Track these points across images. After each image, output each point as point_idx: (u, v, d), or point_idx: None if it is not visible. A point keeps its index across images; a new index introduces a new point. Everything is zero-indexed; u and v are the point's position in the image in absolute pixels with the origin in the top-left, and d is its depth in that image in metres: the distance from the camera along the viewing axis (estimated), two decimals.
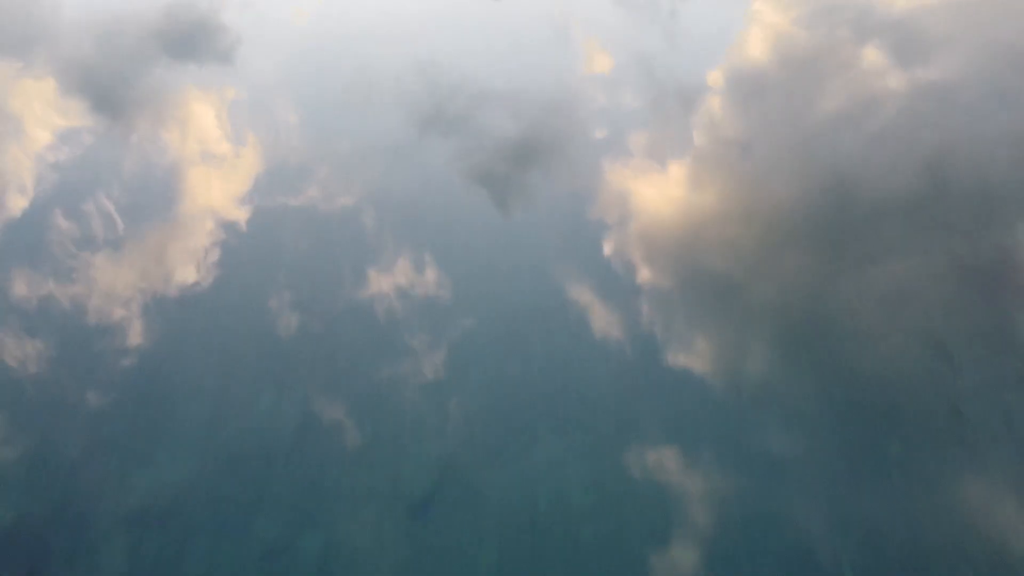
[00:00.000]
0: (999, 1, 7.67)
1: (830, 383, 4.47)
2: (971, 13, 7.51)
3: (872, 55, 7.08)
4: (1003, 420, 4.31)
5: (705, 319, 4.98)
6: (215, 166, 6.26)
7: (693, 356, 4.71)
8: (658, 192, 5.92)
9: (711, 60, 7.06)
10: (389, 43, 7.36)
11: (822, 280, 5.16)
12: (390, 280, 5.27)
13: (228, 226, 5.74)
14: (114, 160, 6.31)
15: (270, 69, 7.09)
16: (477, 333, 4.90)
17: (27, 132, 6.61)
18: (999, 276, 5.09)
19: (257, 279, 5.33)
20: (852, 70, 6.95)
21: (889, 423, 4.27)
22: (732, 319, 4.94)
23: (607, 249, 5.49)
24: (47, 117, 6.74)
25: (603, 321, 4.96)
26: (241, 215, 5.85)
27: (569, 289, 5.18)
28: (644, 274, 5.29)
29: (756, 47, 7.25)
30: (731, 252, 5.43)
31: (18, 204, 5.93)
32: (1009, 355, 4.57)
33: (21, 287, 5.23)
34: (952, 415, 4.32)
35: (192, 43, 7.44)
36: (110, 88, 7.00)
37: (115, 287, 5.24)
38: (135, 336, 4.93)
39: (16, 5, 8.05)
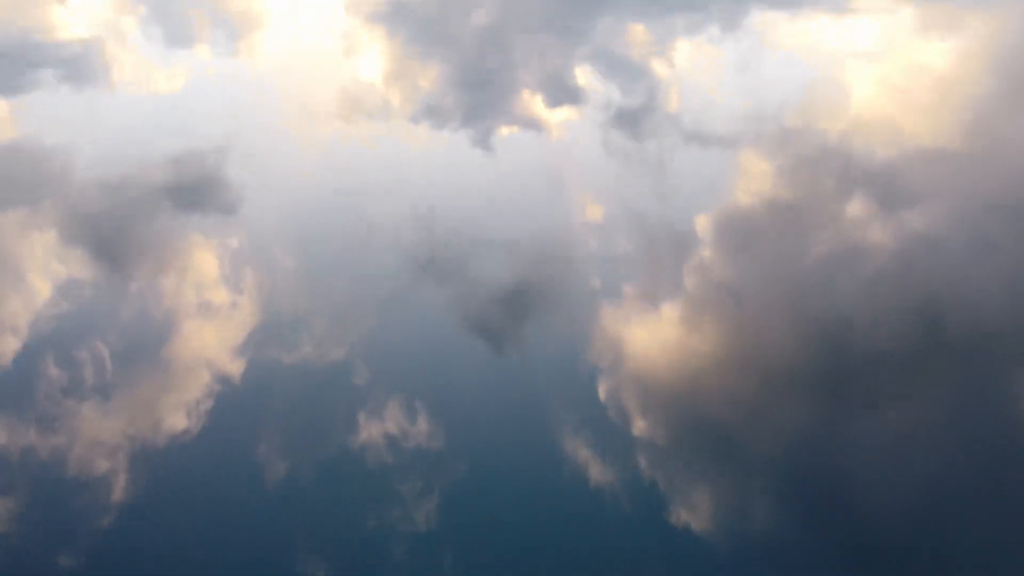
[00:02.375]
0: (977, 154, 7.92)
1: (831, 533, 4.46)
2: (951, 165, 7.75)
3: (858, 204, 7.26)
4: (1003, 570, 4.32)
5: (702, 468, 4.95)
6: (211, 316, 6.29)
7: (691, 508, 4.67)
8: (652, 338, 5.97)
9: (701, 208, 7.23)
10: (387, 194, 7.53)
11: (820, 429, 5.16)
12: (382, 428, 5.25)
13: (220, 376, 5.73)
14: (111, 310, 6.34)
15: (270, 219, 7.22)
16: (470, 482, 4.85)
17: (28, 281, 6.66)
18: (995, 424, 5.12)
19: (247, 429, 5.28)
20: (840, 218, 7.11)
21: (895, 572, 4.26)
22: (729, 468, 4.92)
23: (602, 396, 5.49)
24: (49, 266, 6.80)
25: (598, 470, 4.93)
26: (235, 365, 5.85)
27: (563, 437, 5.16)
28: (639, 421, 5.29)
29: (744, 196, 7.43)
30: (726, 399, 5.44)
31: (10, 351, 5.92)
32: (1005, 503, 4.58)
33: (1, 437, 5.19)
34: (958, 564, 4.31)
35: (196, 195, 7.62)
36: (113, 238, 7.12)
37: (101, 438, 5.19)
38: (118, 490, 4.88)
39: (28, 157, 8.23)
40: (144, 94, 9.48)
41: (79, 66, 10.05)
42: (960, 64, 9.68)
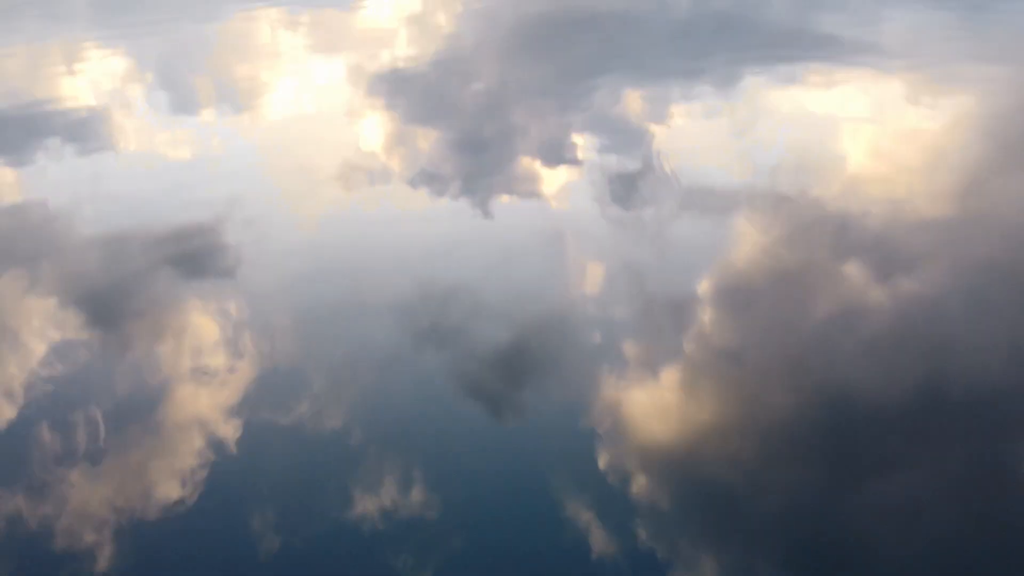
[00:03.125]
0: (972, 217, 8.00)
1: None
2: (946, 228, 7.82)
3: (855, 267, 7.28)
4: None
5: (704, 534, 4.85)
6: (207, 380, 6.25)
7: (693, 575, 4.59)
8: (652, 402, 5.92)
9: (699, 272, 7.25)
10: (385, 259, 7.55)
11: (824, 495, 5.08)
12: (377, 497, 5.17)
13: (215, 443, 5.66)
14: (106, 374, 6.29)
15: (269, 283, 7.25)
16: (467, 553, 4.76)
17: (23, 345, 6.64)
18: (1002, 490, 5.05)
19: (241, 498, 5.19)
20: (837, 281, 7.12)
21: None
22: (731, 535, 4.82)
23: (601, 462, 5.42)
24: (45, 329, 6.79)
25: (598, 538, 4.83)
26: (229, 431, 5.78)
27: (563, 505, 5.06)
28: (640, 487, 5.21)
29: (742, 259, 7.46)
30: (728, 464, 5.37)
31: (1, 416, 5.88)
32: (1012, 571, 4.47)
33: None
34: None
35: (195, 258, 7.65)
36: (110, 301, 7.12)
37: (91, 506, 5.10)
38: (105, 561, 4.76)
39: (29, 220, 8.32)
40: (148, 159, 9.62)
41: (85, 133, 10.22)
42: (951, 129, 9.86)
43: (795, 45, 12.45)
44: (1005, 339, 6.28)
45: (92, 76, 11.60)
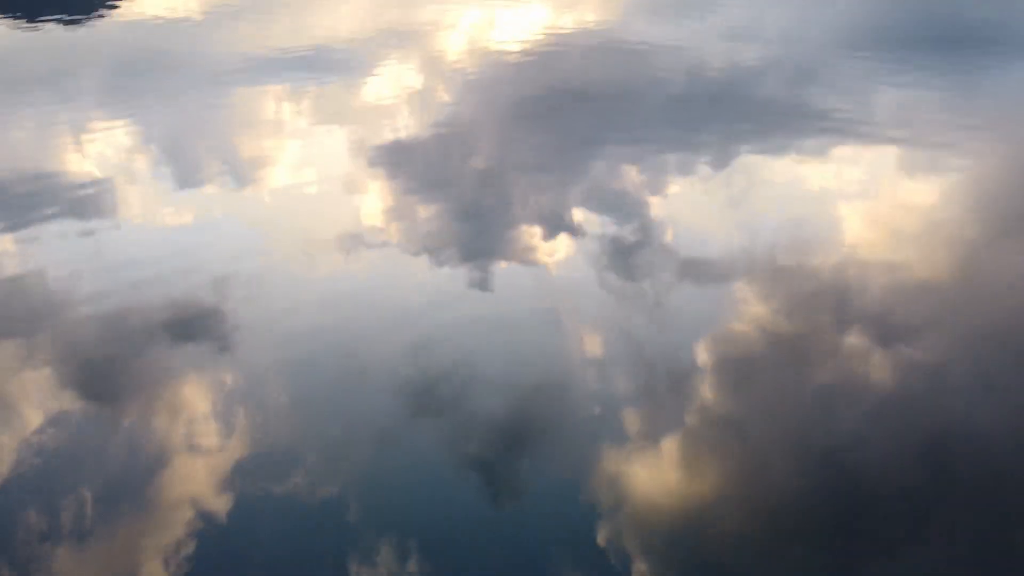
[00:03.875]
0: (971, 288, 8.02)
1: None
2: (946, 299, 7.84)
3: (856, 338, 7.27)
4: None
5: None
6: (201, 453, 6.16)
7: None
8: (652, 477, 5.82)
9: (699, 343, 7.22)
10: (383, 329, 7.55)
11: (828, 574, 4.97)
12: (372, 573, 5.05)
13: (207, 516, 5.55)
14: (98, 447, 6.21)
15: (265, 353, 7.22)
16: None
17: (15, 417, 6.57)
18: (1012, 571, 4.93)
19: (234, 574, 5.10)
20: (838, 352, 7.10)
21: None
22: None
23: (601, 539, 5.31)
24: (38, 401, 6.73)
25: None
26: (223, 504, 5.68)
27: None
28: (641, 566, 5.09)
29: (742, 330, 7.45)
30: (732, 541, 5.26)
31: None
32: None
33: None
34: None
35: (191, 328, 7.64)
36: (104, 372, 7.07)
37: None
38: None
39: (28, 291, 8.36)
40: (150, 230, 9.69)
41: (88, 204, 10.31)
42: (946, 201, 9.97)
43: (788, 119, 12.69)
44: (1010, 410, 6.23)
45: (98, 148, 11.78)
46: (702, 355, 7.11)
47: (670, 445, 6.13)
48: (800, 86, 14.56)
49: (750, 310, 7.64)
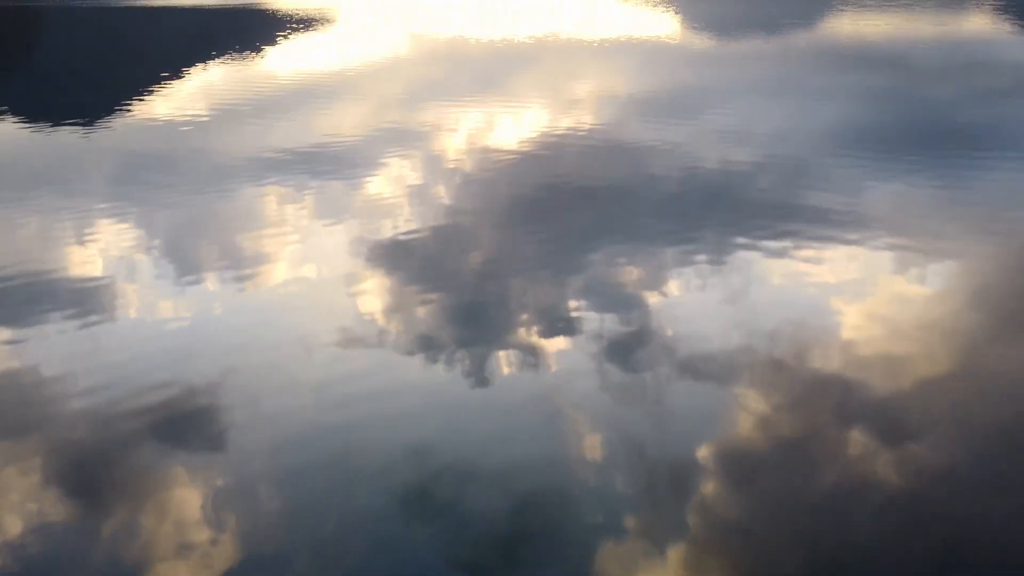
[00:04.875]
0: (972, 383, 7.96)
1: None
2: (949, 395, 7.76)
3: (861, 436, 7.14)
4: None
5: None
6: (188, 557, 5.95)
7: None
8: None
9: (700, 441, 7.10)
10: (379, 428, 7.43)
11: None
12: None
13: None
14: (82, 552, 6.00)
15: (258, 454, 7.08)
16: None
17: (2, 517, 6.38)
18: None
19: None
20: (844, 451, 6.97)
21: None
22: None
23: None
24: (23, 504, 6.54)
25: None
26: None
27: None
28: None
29: (744, 428, 7.34)
30: None
31: None
32: None
33: None
34: None
35: (183, 428, 7.52)
36: (94, 473, 6.92)
37: None
38: None
39: (20, 389, 8.30)
40: (147, 326, 9.66)
41: (87, 300, 10.32)
42: (944, 295, 9.99)
43: (783, 216, 12.87)
44: (1021, 507, 6.06)
45: (100, 245, 11.89)
46: (703, 455, 6.97)
47: (674, 551, 5.92)
48: (794, 185, 14.83)
49: (752, 408, 7.54)
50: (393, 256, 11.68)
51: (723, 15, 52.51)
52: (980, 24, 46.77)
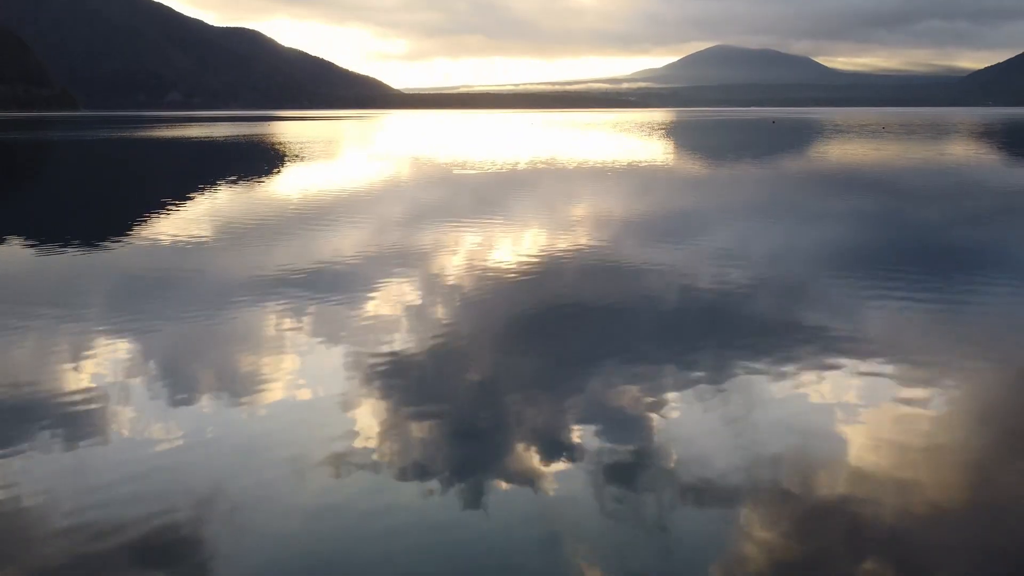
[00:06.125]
0: (984, 509, 7.73)
1: None
2: (961, 523, 7.51)
3: (872, 565, 6.86)
4: None
5: None
6: None
7: None
8: None
9: (705, 568, 6.81)
10: (373, 558, 7.15)
11: None
12: None
13: None
14: None
15: (254, 568, 6.75)
16: None
17: None
18: None
19: None
20: None
21: None
22: None
23: None
24: None
25: None
26: None
27: None
28: None
29: (750, 554, 7.06)
30: None
31: None
32: None
33: None
34: None
35: (167, 555, 7.24)
36: None
37: None
38: None
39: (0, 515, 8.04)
40: (136, 447, 9.45)
41: (77, 420, 10.15)
42: (950, 417, 9.84)
43: (781, 337, 12.86)
44: None
45: (95, 365, 11.81)
46: None
47: None
48: (790, 305, 14.90)
49: (757, 535, 7.27)
50: (389, 377, 11.57)
51: (715, 143, 54.27)
52: (966, 150, 48.27)
